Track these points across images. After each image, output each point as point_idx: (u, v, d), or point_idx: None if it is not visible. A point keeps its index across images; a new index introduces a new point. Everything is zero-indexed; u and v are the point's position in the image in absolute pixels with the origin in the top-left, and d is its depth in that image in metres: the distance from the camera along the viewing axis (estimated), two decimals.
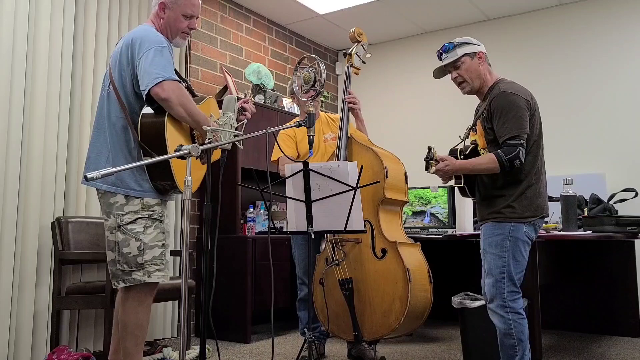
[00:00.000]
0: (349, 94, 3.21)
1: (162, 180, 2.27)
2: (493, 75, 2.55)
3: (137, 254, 2.24)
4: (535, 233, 2.45)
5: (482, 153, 2.50)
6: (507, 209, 2.39)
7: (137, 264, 2.24)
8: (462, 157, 2.57)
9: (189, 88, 2.60)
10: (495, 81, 2.52)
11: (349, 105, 3.19)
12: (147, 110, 2.26)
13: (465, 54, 2.49)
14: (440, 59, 2.57)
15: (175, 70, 2.54)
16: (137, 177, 2.26)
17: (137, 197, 2.27)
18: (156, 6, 2.41)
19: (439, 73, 2.61)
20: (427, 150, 2.48)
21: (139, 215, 2.26)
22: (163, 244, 2.31)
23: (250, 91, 2.77)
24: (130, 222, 2.25)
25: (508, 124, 2.34)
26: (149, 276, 2.25)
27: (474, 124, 2.57)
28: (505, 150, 2.32)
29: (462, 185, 2.56)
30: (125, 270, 2.26)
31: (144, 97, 2.23)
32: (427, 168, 2.47)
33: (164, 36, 2.34)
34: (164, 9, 2.39)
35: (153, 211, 2.30)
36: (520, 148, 2.32)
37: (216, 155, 2.53)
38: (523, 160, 2.34)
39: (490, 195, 2.46)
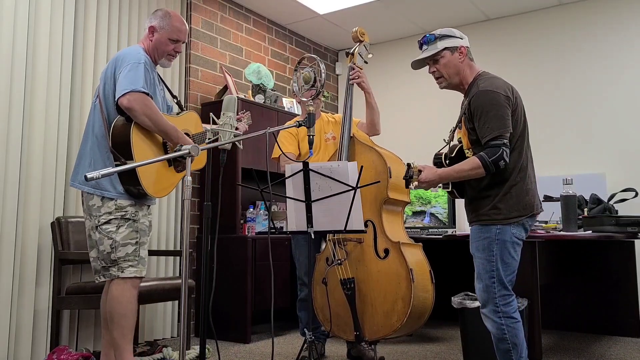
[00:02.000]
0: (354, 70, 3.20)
1: (130, 185, 2.46)
2: (473, 70, 2.43)
3: (110, 251, 2.45)
4: (526, 232, 2.36)
5: (468, 154, 2.41)
6: (492, 211, 2.30)
7: (112, 261, 2.46)
8: (447, 161, 2.48)
9: (178, 103, 2.84)
10: (475, 77, 2.40)
11: (353, 80, 3.18)
12: (119, 119, 2.49)
13: (445, 48, 2.39)
14: (420, 49, 2.48)
15: (167, 87, 2.82)
16: (113, 181, 2.47)
17: (112, 199, 2.47)
18: (146, 29, 2.67)
19: (417, 64, 2.52)
20: (406, 167, 2.37)
21: (112, 216, 2.47)
22: (137, 242, 2.50)
23: (247, 112, 2.90)
24: (105, 223, 2.47)
25: (489, 124, 2.24)
26: (122, 272, 2.45)
27: (459, 122, 2.47)
28: (488, 152, 2.23)
29: (450, 189, 2.49)
30: (104, 267, 2.49)
31: (116, 106, 2.47)
32: (407, 185, 2.36)
33: (149, 56, 2.60)
34: (153, 32, 2.65)
35: (125, 211, 2.49)
36: (504, 148, 2.22)
37: (199, 163, 2.67)
38: (508, 160, 2.24)
39: (476, 196, 2.38)
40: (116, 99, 2.42)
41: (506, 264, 2.30)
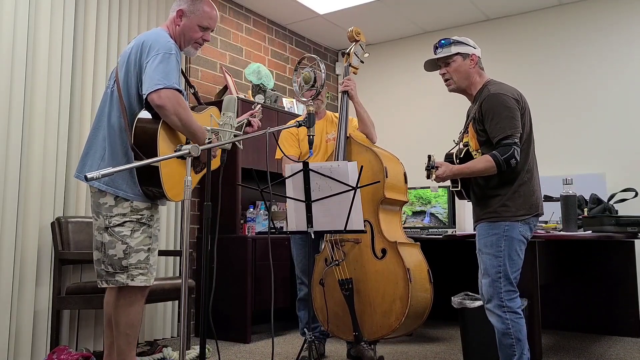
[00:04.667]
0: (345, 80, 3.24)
1: (150, 187, 2.27)
2: (483, 78, 2.57)
3: (122, 257, 2.25)
4: (530, 232, 2.47)
5: (475, 155, 2.52)
6: (501, 208, 2.40)
7: (122, 267, 2.25)
8: (457, 161, 2.59)
9: (195, 95, 2.62)
10: (484, 83, 2.54)
11: (344, 87, 3.20)
12: (144, 114, 2.27)
13: (458, 53, 2.54)
14: (435, 52, 2.61)
15: (185, 76, 2.55)
16: (129, 180, 2.27)
17: (127, 200, 2.27)
18: (174, 12, 2.42)
19: (430, 66, 2.65)
20: (427, 159, 2.50)
21: (127, 219, 2.27)
22: (149, 248, 2.32)
23: (258, 105, 2.77)
24: (118, 225, 2.26)
25: (501, 124, 2.36)
26: (132, 279, 2.26)
27: (466, 127, 2.59)
28: (500, 151, 2.34)
29: (458, 188, 2.58)
30: (109, 272, 2.28)
31: (144, 101, 2.25)
32: (428, 177, 2.49)
33: (175, 43, 2.34)
34: (181, 16, 2.40)
35: (141, 215, 2.30)
36: (515, 147, 2.34)
37: (214, 164, 2.56)
38: (519, 159, 2.36)
39: (484, 195, 2.48)
40: (145, 93, 2.19)
41: (513, 261, 2.38)
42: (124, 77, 2.31)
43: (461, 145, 2.62)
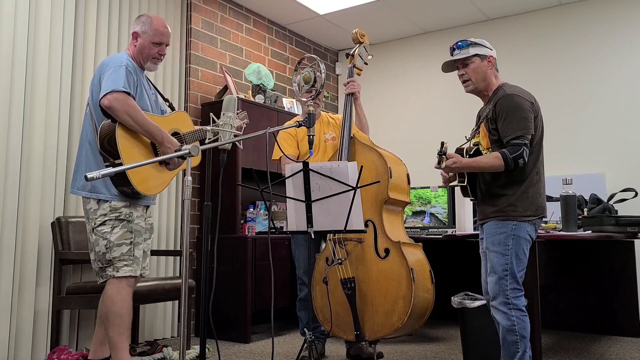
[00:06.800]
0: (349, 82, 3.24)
1: (122, 186, 2.52)
2: (498, 80, 2.62)
3: (105, 252, 2.52)
4: (535, 232, 2.51)
5: (485, 153, 2.55)
6: (509, 208, 2.44)
7: (107, 261, 2.53)
8: (467, 156, 2.61)
9: (171, 106, 2.91)
10: (500, 85, 2.59)
11: (350, 89, 3.20)
12: (105, 121, 2.54)
13: (476, 54, 2.57)
14: (452, 54, 2.63)
15: (159, 91, 2.89)
16: (107, 184, 2.54)
17: (106, 201, 2.54)
18: (131, 35, 2.74)
19: (448, 67, 2.67)
20: (440, 145, 2.50)
21: (107, 218, 2.54)
22: (131, 242, 2.56)
23: (244, 111, 2.90)
24: (100, 224, 2.54)
25: (513, 124, 2.40)
26: (118, 271, 2.52)
27: (478, 127, 2.62)
28: (510, 149, 2.38)
29: (465, 184, 2.60)
30: (101, 267, 2.56)
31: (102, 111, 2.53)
32: (439, 162, 2.49)
33: (135, 61, 2.68)
34: (136, 37, 2.72)
35: (120, 212, 2.55)
36: (525, 148, 2.38)
37: (193, 162, 2.72)
38: (527, 160, 2.39)
39: (492, 193, 2.51)
40: (99, 101, 2.47)
41: (519, 259, 2.43)
42: (91, 98, 2.60)
43: (471, 144, 2.65)
